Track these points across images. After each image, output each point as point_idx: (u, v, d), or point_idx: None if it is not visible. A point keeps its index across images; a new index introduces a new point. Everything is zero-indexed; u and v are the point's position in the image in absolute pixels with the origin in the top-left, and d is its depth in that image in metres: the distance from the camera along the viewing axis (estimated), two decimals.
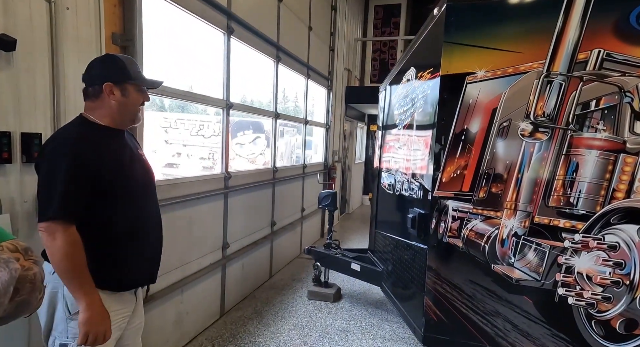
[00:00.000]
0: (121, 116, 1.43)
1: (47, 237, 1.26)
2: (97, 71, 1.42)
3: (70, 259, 1.26)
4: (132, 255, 1.45)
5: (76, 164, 1.29)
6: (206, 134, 10.58)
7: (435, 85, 2.45)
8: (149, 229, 1.52)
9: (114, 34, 2.07)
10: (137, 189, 1.47)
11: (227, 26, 3.18)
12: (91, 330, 1.29)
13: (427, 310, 2.46)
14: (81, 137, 1.35)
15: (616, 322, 2.03)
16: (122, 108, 1.42)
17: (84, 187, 1.30)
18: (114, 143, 1.44)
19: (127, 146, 1.50)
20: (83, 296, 1.29)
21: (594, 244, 2.06)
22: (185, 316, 2.85)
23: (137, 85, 1.44)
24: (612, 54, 1.98)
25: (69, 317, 1.34)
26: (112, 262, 1.40)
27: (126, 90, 1.41)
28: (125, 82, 1.41)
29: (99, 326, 1.31)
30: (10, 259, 0.77)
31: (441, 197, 2.41)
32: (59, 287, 1.34)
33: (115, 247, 1.41)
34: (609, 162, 2.02)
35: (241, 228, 3.65)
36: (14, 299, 0.75)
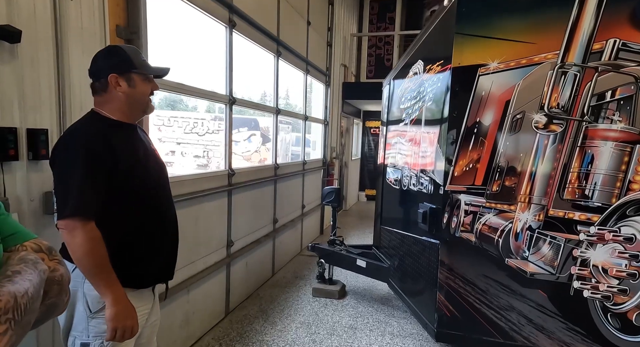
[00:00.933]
0: (130, 108, 1.38)
1: (67, 235, 1.22)
2: (101, 64, 1.37)
3: (92, 256, 1.23)
4: (150, 251, 1.41)
5: (92, 160, 1.25)
6: (200, 131, 10.46)
7: (446, 78, 2.41)
8: (166, 225, 1.48)
9: (119, 27, 1.99)
10: (153, 184, 1.43)
11: (229, 19, 3.10)
12: (119, 325, 1.27)
13: (439, 306, 2.43)
14: (95, 132, 1.31)
15: (632, 314, 2.03)
16: (130, 99, 1.37)
17: (101, 182, 1.26)
18: (127, 138, 1.39)
19: (141, 141, 1.45)
20: (109, 291, 1.25)
21: (610, 236, 2.05)
22: (192, 315, 2.79)
23: (144, 75, 1.38)
24: (628, 44, 1.97)
25: (89, 315, 1.30)
26: (131, 259, 1.36)
27: (132, 81, 1.36)
28: (130, 72, 1.35)
29: (126, 321, 1.28)
30: (38, 260, 0.71)
31: (453, 192, 2.38)
32: (78, 286, 1.29)
33: (134, 244, 1.37)
34: (625, 153, 2.01)
35: (245, 226, 3.59)
36: (43, 303, 0.70)
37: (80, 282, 1.28)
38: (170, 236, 1.51)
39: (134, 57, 1.37)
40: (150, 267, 1.42)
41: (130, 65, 1.35)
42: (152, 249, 1.41)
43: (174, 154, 10.07)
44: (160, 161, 1.53)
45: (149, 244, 1.40)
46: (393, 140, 3.71)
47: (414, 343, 2.97)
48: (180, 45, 3.73)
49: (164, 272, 1.50)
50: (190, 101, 11.01)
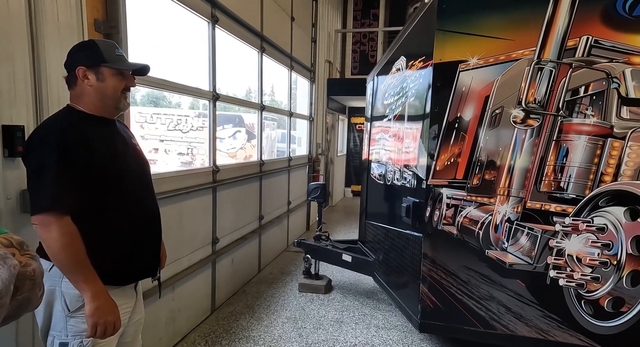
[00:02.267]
0: (101, 103, 1.35)
1: (41, 230, 1.20)
2: (73, 57, 1.35)
3: (68, 250, 1.21)
4: (131, 247, 1.40)
5: (65, 154, 1.23)
6: (184, 128, 10.31)
7: (427, 74, 2.45)
8: (148, 221, 1.47)
9: (97, 21, 1.95)
10: (133, 180, 1.41)
11: (212, 15, 3.07)
12: (100, 321, 1.24)
13: (423, 297, 2.49)
14: (68, 126, 1.29)
15: (604, 301, 2.12)
16: (99, 94, 1.34)
17: (75, 177, 1.24)
18: (103, 132, 1.36)
19: (120, 136, 1.43)
20: (87, 287, 1.23)
21: (584, 226, 2.13)
22: (177, 313, 2.78)
23: (115, 69, 1.35)
24: (600, 41, 2.04)
25: (68, 315, 1.28)
26: (111, 256, 1.34)
27: (101, 74, 1.33)
28: (99, 65, 1.32)
29: (107, 316, 1.26)
30: (8, 255, 0.71)
31: (435, 186, 2.43)
32: (55, 285, 1.27)
33: (113, 240, 1.35)
34: (597, 146, 2.09)
35: (230, 222, 3.58)
36: (15, 298, 0.69)
37: (57, 281, 1.26)
38: (153, 233, 1.50)
39: (106, 51, 1.34)
40: (131, 264, 1.41)
41: (100, 59, 1.32)
42: (132, 245, 1.40)
43: (157, 151, 9.90)
44: (143, 157, 1.52)
45: (129, 240, 1.39)
46: (377, 136, 3.75)
47: (398, 335, 3.03)
48: (162, 41, 3.67)
49: (146, 270, 1.49)
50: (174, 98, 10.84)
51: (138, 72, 1.45)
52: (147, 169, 1.53)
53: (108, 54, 1.35)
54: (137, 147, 1.51)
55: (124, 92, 1.39)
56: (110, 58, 1.35)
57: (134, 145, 1.50)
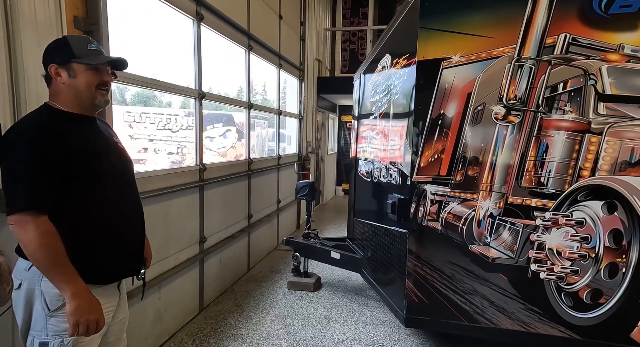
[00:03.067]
0: (76, 99, 1.34)
1: (18, 230, 1.19)
2: (47, 54, 1.34)
3: (45, 249, 1.20)
4: (113, 246, 1.39)
5: (40, 152, 1.21)
6: (174, 128, 10.22)
7: (411, 72, 2.48)
8: (130, 220, 1.46)
9: (77, 18, 1.94)
10: (115, 178, 1.40)
11: (197, 12, 3.06)
12: (82, 319, 1.23)
13: (408, 292, 2.51)
14: (43, 123, 1.27)
15: (583, 293, 2.17)
16: (72, 91, 1.33)
17: (51, 175, 1.22)
18: (82, 130, 1.35)
19: (100, 134, 1.42)
20: (67, 285, 1.22)
21: (563, 220, 2.17)
22: (164, 312, 2.77)
23: (87, 64, 1.32)
24: (577, 39, 2.08)
25: (48, 314, 1.27)
26: (92, 254, 1.34)
27: (72, 71, 1.31)
28: (70, 61, 1.31)
29: (89, 314, 1.25)
30: None
31: (420, 182, 2.45)
32: (35, 284, 1.26)
33: (94, 239, 1.34)
34: (576, 142, 2.13)
35: (218, 221, 3.57)
36: None
37: (37, 280, 1.25)
38: (136, 232, 1.49)
39: (77, 47, 1.32)
40: (113, 263, 1.40)
41: (70, 55, 1.30)
42: (114, 244, 1.39)
43: (147, 151, 9.80)
44: (125, 156, 1.51)
45: (110, 239, 1.38)
46: (364, 134, 3.77)
47: (385, 331, 3.06)
48: (147, 39, 3.65)
49: (129, 269, 1.48)
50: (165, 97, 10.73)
51: (116, 67, 1.43)
52: (130, 167, 1.52)
53: (79, 49, 1.32)
54: (119, 146, 1.50)
55: (100, 88, 1.36)
56: (81, 53, 1.32)
57: (116, 143, 1.49)
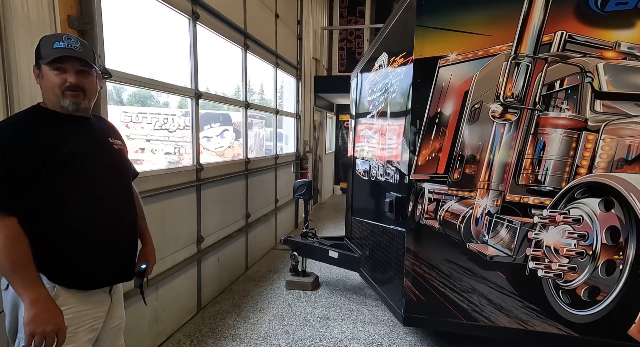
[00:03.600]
0: (50, 101, 1.32)
1: None
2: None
3: (7, 253, 1.16)
4: (98, 250, 1.35)
5: (10, 155, 1.18)
6: (171, 127, 10.19)
7: (408, 70, 2.47)
8: (119, 222, 1.43)
9: (71, 17, 1.92)
10: (102, 180, 1.37)
11: (192, 11, 3.04)
12: (37, 330, 1.17)
13: (406, 291, 2.51)
14: (17, 123, 1.26)
15: (581, 290, 2.17)
16: (45, 92, 1.32)
17: (22, 175, 1.19)
18: (66, 131, 1.31)
19: (90, 134, 1.39)
20: (25, 292, 1.18)
21: (560, 218, 2.18)
22: (161, 313, 2.76)
23: (50, 65, 1.28)
24: (574, 36, 2.08)
25: None
26: (74, 259, 1.30)
27: (42, 71, 1.29)
28: (38, 62, 1.30)
29: (46, 326, 1.19)
30: None
31: (417, 180, 2.45)
32: None
33: (76, 243, 1.31)
34: (573, 140, 2.13)
35: (215, 221, 3.56)
36: None
37: None
38: (126, 235, 1.46)
39: (44, 46, 1.29)
40: (100, 268, 1.36)
41: (37, 56, 1.29)
42: (99, 249, 1.35)
43: (144, 151, 9.77)
44: (120, 157, 1.48)
45: (94, 243, 1.34)
46: (362, 133, 3.76)
47: (384, 329, 3.06)
48: (143, 38, 3.63)
49: (119, 273, 1.44)
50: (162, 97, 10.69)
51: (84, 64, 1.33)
52: (123, 169, 1.49)
53: (45, 49, 1.28)
54: (114, 147, 1.47)
55: (67, 90, 1.29)
56: (46, 53, 1.28)
57: (110, 144, 1.45)
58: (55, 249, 1.26)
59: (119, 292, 1.52)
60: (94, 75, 1.37)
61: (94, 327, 1.37)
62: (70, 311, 1.28)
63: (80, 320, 1.32)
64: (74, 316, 1.29)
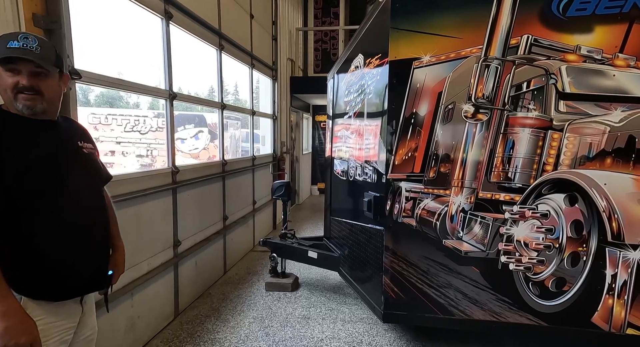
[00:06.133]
0: (6, 103, 1.26)
1: None
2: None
3: None
4: (67, 259, 1.30)
5: None
6: (143, 129, 9.91)
7: (384, 71, 2.52)
8: (89, 230, 1.37)
9: (36, 15, 1.84)
10: (70, 186, 1.31)
11: (165, 11, 2.98)
12: (10, 343, 1.13)
13: (385, 288, 2.56)
14: None
15: (549, 281, 2.28)
16: (1, 93, 1.25)
17: None
18: (27, 136, 1.25)
19: (56, 138, 1.33)
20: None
21: (529, 213, 2.28)
22: (137, 320, 2.68)
23: (4, 64, 1.21)
24: (539, 40, 2.18)
25: None
26: (41, 268, 1.25)
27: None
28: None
29: (20, 337, 1.14)
30: None
31: (395, 180, 2.50)
32: None
33: (43, 252, 1.25)
34: (539, 138, 2.24)
35: (192, 224, 3.49)
36: None
37: None
38: (96, 243, 1.41)
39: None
40: (69, 278, 1.31)
41: None
42: (68, 257, 1.30)
43: (114, 154, 9.44)
44: (90, 160, 1.43)
45: (63, 252, 1.29)
46: (339, 133, 3.80)
47: (364, 327, 3.10)
48: (113, 37, 3.51)
49: (90, 283, 1.40)
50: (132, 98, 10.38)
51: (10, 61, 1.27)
52: (93, 173, 1.44)
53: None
54: (84, 150, 1.41)
55: (21, 92, 1.22)
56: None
57: (78, 148, 1.40)
58: (20, 259, 1.20)
59: (91, 302, 1.47)
60: (54, 77, 1.30)
61: (63, 339, 1.32)
62: (39, 323, 1.23)
63: (49, 332, 1.27)
64: (43, 328, 1.24)
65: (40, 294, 1.24)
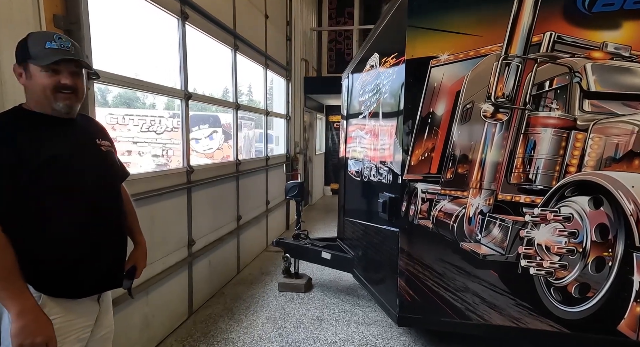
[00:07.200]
0: (35, 102, 1.27)
1: None
2: (15, 53, 1.27)
3: None
4: (86, 257, 1.30)
5: None
6: (158, 129, 10.06)
7: (400, 70, 2.48)
8: (106, 228, 1.38)
9: (57, 16, 1.87)
10: (87, 184, 1.32)
11: (181, 11, 3.00)
12: (26, 342, 1.13)
13: (400, 291, 2.51)
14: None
15: (572, 287, 2.20)
16: (30, 92, 1.26)
17: (3, 183, 1.15)
18: (46, 134, 1.26)
19: (74, 136, 1.34)
20: (12, 302, 1.13)
21: (551, 216, 2.21)
22: (151, 318, 2.70)
23: (42, 65, 1.23)
24: (562, 37, 2.11)
25: None
26: (60, 267, 1.25)
27: (29, 72, 1.24)
28: (26, 61, 1.24)
29: (35, 337, 1.14)
30: None
31: (411, 180, 2.46)
32: None
33: (61, 250, 1.26)
34: (562, 139, 2.16)
35: (206, 224, 3.51)
36: None
37: None
38: (114, 240, 1.41)
39: (34, 45, 1.23)
40: (87, 275, 1.32)
41: (25, 55, 1.23)
42: (85, 255, 1.31)
43: (131, 154, 9.62)
44: (107, 159, 1.43)
45: (80, 250, 1.29)
46: (353, 134, 3.76)
47: (377, 330, 3.05)
48: (132, 38, 3.56)
49: (107, 280, 1.40)
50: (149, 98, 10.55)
51: (86, 67, 1.34)
52: (111, 171, 1.44)
53: (35, 47, 1.23)
54: (102, 148, 1.42)
55: (61, 91, 1.25)
56: (37, 53, 1.22)
57: (97, 146, 1.40)
58: (39, 257, 1.21)
59: (108, 300, 1.48)
60: (84, 76, 1.33)
61: (80, 338, 1.32)
62: (57, 321, 1.24)
63: (67, 330, 1.27)
64: (60, 326, 1.25)
65: (59, 292, 1.24)
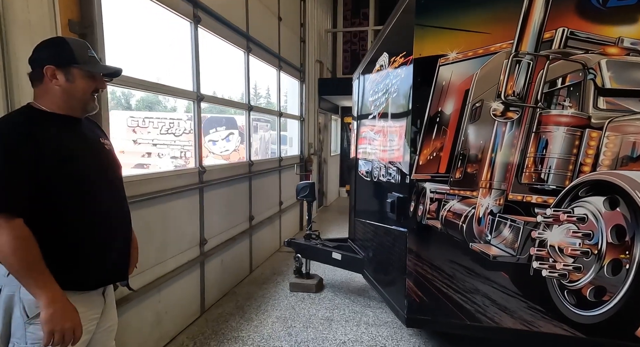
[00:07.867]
0: (67, 103, 1.33)
1: None
2: (40, 53, 1.33)
3: (19, 254, 1.17)
4: (94, 251, 1.36)
5: (12, 154, 1.19)
6: (177, 132, 10.27)
7: (408, 69, 2.46)
8: (114, 224, 1.43)
9: (71, 21, 1.94)
10: (96, 181, 1.38)
11: (194, 15, 3.07)
12: (57, 327, 1.20)
13: (409, 292, 2.49)
14: (16, 124, 1.25)
15: (586, 290, 2.13)
16: (66, 95, 1.32)
17: (25, 178, 1.20)
18: (60, 132, 1.32)
19: (84, 135, 1.40)
20: (41, 292, 1.19)
21: (564, 217, 2.14)
22: (164, 315, 2.76)
23: (87, 71, 1.33)
24: (575, 32, 2.05)
25: (27, 321, 1.24)
26: (71, 260, 1.31)
27: (71, 75, 1.31)
28: (70, 65, 1.31)
29: (65, 323, 1.21)
30: None
31: (419, 180, 2.43)
32: (14, 291, 1.24)
33: (73, 244, 1.31)
34: (576, 137, 2.10)
35: (219, 223, 3.56)
36: None
37: (16, 287, 1.23)
38: (120, 236, 1.46)
39: (78, 52, 1.32)
40: (94, 269, 1.37)
41: (71, 60, 1.31)
42: (95, 249, 1.36)
43: (150, 155, 9.86)
44: (111, 157, 1.49)
45: (90, 244, 1.35)
46: (364, 134, 3.75)
47: (387, 331, 3.03)
48: (144, 42, 3.67)
49: (113, 274, 1.45)
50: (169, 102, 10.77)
51: (110, 75, 1.45)
52: (115, 169, 1.50)
53: (80, 54, 1.33)
54: (106, 147, 1.48)
55: (92, 94, 1.38)
56: (82, 59, 1.33)
57: (102, 145, 1.46)
58: (54, 250, 1.26)
59: (112, 295, 1.53)
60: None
61: (88, 329, 1.37)
62: None
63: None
64: None
65: (69, 284, 1.29)
